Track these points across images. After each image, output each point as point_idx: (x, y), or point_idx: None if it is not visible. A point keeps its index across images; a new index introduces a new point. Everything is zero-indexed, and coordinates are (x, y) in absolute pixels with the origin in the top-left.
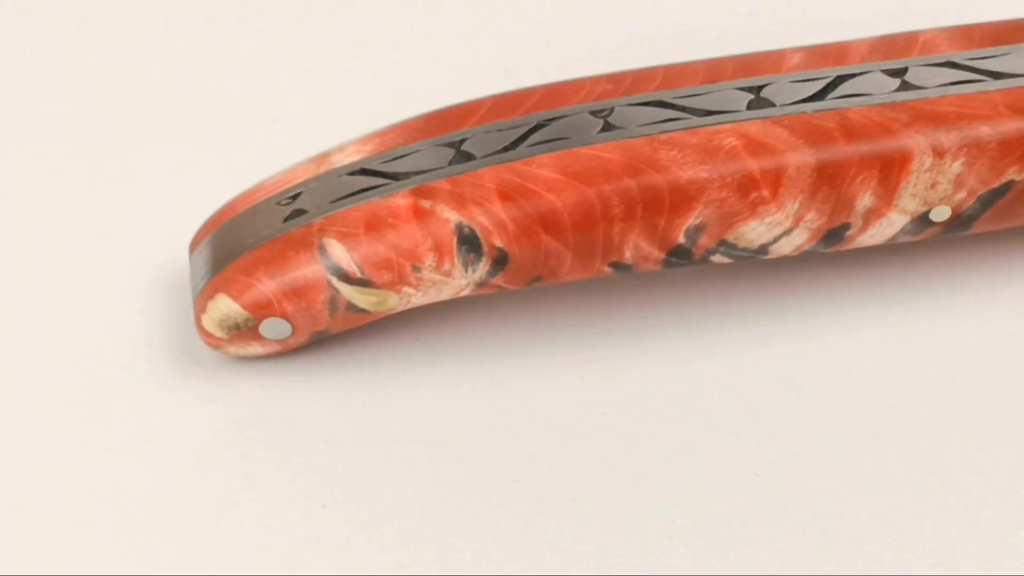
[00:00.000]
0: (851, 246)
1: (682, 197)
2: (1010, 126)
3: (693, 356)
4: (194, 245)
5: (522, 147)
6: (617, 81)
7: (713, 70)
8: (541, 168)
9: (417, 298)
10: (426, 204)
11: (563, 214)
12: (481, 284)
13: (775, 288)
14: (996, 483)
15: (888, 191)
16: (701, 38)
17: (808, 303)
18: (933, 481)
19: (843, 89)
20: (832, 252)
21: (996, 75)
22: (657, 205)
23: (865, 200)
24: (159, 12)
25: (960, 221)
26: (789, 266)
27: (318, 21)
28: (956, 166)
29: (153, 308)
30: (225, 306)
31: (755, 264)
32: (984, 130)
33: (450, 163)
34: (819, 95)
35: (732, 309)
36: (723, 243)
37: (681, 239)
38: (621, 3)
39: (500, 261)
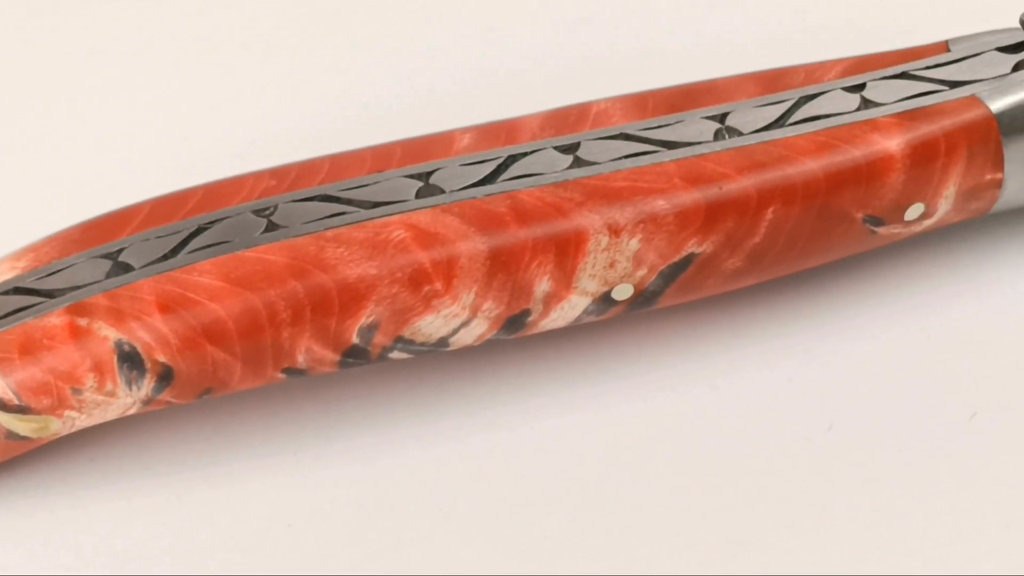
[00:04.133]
0: (535, 331)
1: (351, 296)
2: (686, 198)
3: (381, 454)
4: None
5: (182, 254)
6: (281, 176)
7: (380, 157)
8: (203, 275)
9: (82, 420)
10: (83, 322)
11: (228, 323)
12: (148, 401)
13: (461, 379)
14: (702, 568)
15: (566, 274)
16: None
17: (497, 392)
18: (637, 567)
19: (515, 170)
20: (516, 339)
21: (670, 145)
22: (326, 307)
23: (543, 285)
24: None
25: (644, 298)
26: (474, 355)
27: None
28: (634, 243)
29: None
30: None
31: (439, 356)
32: (660, 203)
33: (107, 276)
34: (490, 178)
35: (419, 403)
36: (400, 339)
37: (355, 339)
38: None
39: (165, 376)
